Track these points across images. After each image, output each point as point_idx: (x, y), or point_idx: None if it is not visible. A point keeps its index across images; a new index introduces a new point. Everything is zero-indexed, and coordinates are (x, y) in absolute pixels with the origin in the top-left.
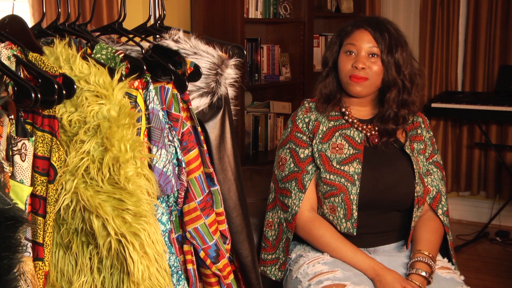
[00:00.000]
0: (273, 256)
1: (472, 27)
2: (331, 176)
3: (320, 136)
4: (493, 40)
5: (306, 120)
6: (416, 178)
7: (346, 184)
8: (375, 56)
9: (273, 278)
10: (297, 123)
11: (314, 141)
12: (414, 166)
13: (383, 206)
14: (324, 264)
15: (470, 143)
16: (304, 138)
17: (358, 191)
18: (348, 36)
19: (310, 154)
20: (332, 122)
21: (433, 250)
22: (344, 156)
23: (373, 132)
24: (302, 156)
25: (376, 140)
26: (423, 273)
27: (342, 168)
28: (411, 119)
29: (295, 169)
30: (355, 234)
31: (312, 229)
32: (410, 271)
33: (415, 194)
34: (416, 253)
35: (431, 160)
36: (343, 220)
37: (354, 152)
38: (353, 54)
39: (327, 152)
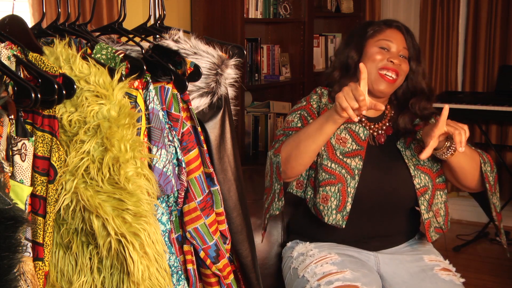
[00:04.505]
0: (271, 194)
1: (472, 27)
2: (333, 165)
3: None
4: (493, 40)
5: (319, 103)
6: (412, 171)
7: (345, 176)
8: (404, 57)
9: (277, 212)
10: (312, 102)
11: None
12: (406, 161)
13: (387, 208)
14: (332, 264)
15: (470, 143)
16: (317, 115)
17: (356, 185)
18: (380, 32)
19: None
20: None
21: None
22: (347, 150)
23: (380, 132)
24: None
25: (382, 140)
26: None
27: (344, 159)
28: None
29: (300, 126)
30: (343, 226)
31: (286, 141)
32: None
33: (415, 187)
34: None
35: None
36: (334, 211)
37: (356, 148)
38: (387, 50)
39: (332, 140)
